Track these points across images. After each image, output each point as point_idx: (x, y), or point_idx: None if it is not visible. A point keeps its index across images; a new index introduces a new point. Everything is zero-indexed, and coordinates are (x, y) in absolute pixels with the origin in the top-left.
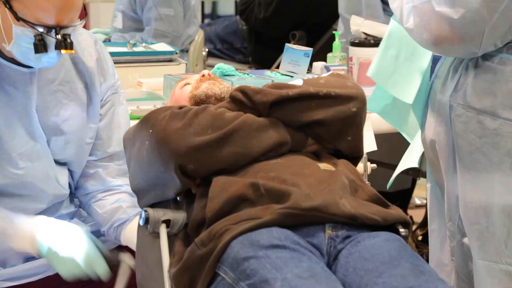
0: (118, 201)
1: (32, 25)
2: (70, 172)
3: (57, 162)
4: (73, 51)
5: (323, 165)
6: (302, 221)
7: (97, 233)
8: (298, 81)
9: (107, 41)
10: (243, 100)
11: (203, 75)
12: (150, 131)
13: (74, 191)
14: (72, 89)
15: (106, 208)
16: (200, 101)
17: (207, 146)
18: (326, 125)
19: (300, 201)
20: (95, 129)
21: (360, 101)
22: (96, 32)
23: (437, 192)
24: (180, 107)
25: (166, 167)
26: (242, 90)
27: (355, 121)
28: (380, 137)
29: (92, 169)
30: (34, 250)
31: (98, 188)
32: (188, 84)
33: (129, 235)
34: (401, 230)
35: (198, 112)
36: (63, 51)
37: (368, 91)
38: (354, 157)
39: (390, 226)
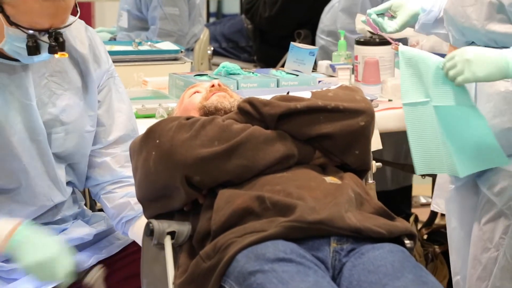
0: (127, 195)
1: (25, 29)
2: (75, 166)
3: (57, 157)
4: (66, 55)
5: (329, 179)
6: (307, 234)
7: (103, 234)
8: (306, 94)
9: (113, 40)
10: (251, 112)
11: (213, 85)
12: (157, 141)
13: (85, 182)
14: (65, 79)
15: (115, 202)
16: (209, 112)
17: (213, 158)
18: (333, 138)
19: (306, 215)
20: (95, 116)
21: (368, 115)
22: (101, 31)
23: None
24: (187, 118)
25: (172, 178)
26: (250, 102)
27: (363, 135)
28: (384, 136)
29: (100, 158)
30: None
31: (107, 179)
32: (197, 92)
33: (137, 231)
34: (407, 241)
35: (205, 124)
36: (57, 56)
37: (373, 90)
38: (361, 170)
39: (396, 238)
